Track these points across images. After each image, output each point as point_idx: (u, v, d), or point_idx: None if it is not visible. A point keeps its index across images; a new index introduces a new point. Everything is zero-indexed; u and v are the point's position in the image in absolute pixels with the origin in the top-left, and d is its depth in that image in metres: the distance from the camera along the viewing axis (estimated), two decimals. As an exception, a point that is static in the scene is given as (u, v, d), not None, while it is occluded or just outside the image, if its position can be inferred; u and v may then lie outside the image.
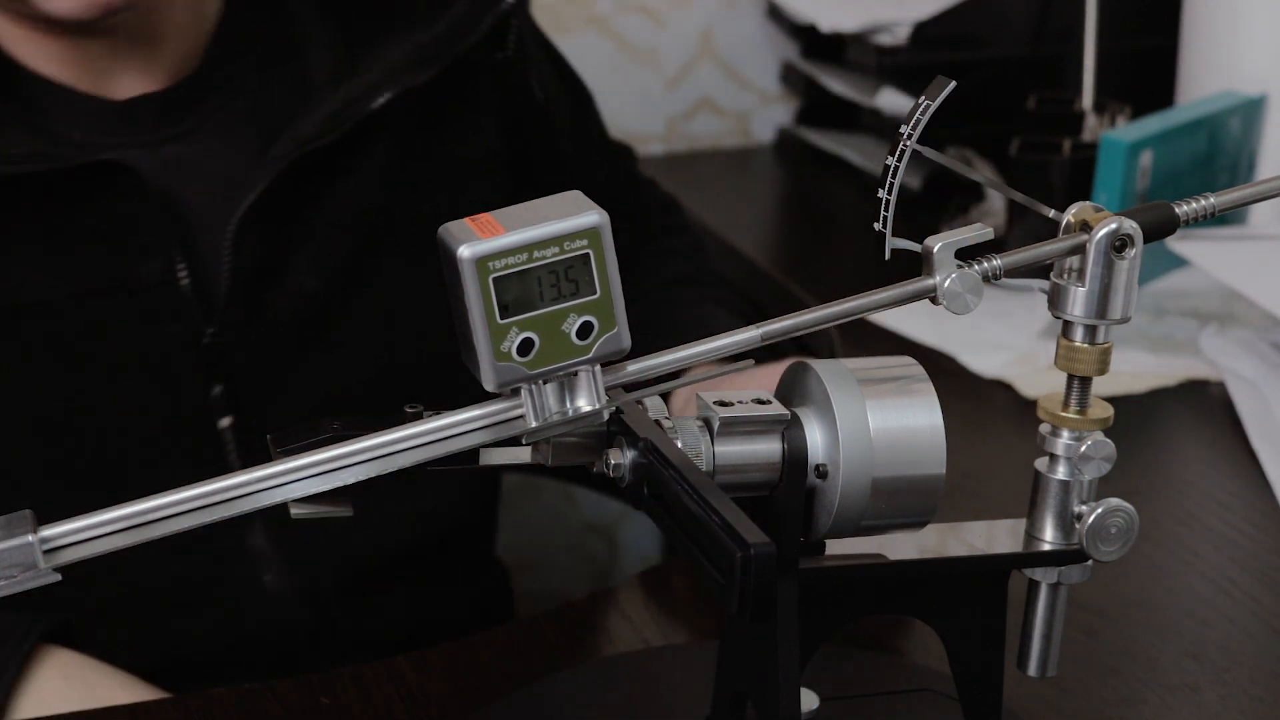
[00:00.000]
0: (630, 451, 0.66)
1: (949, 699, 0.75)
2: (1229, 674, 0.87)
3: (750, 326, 0.65)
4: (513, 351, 0.61)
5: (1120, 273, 0.66)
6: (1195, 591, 0.96)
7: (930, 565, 0.69)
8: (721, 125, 1.94)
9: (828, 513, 0.67)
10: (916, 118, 0.68)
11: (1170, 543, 1.01)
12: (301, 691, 0.87)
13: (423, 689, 0.87)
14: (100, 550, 0.61)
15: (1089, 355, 0.68)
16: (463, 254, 0.60)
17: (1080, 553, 0.69)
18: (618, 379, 0.65)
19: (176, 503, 0.61)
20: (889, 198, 0.67)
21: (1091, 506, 0.68)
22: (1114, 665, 0.88)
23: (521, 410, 0.63)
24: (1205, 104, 1.46)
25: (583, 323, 0.62)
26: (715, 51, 1.92)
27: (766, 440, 0.67)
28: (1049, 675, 0.72)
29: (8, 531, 0.59)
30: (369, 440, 0.63)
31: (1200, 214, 0.69)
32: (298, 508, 0.63)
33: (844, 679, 0.81)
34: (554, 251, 0.60)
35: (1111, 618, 0.92)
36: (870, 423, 0.66)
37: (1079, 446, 0.68)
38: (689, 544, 0.63)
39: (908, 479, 0.67)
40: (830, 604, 0.68)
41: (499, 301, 0.60)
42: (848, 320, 0.66)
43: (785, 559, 0.65)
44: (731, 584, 0.59)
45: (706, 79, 1.92)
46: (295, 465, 0.62)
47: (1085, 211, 0.68)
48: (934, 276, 0.66)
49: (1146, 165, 1.36)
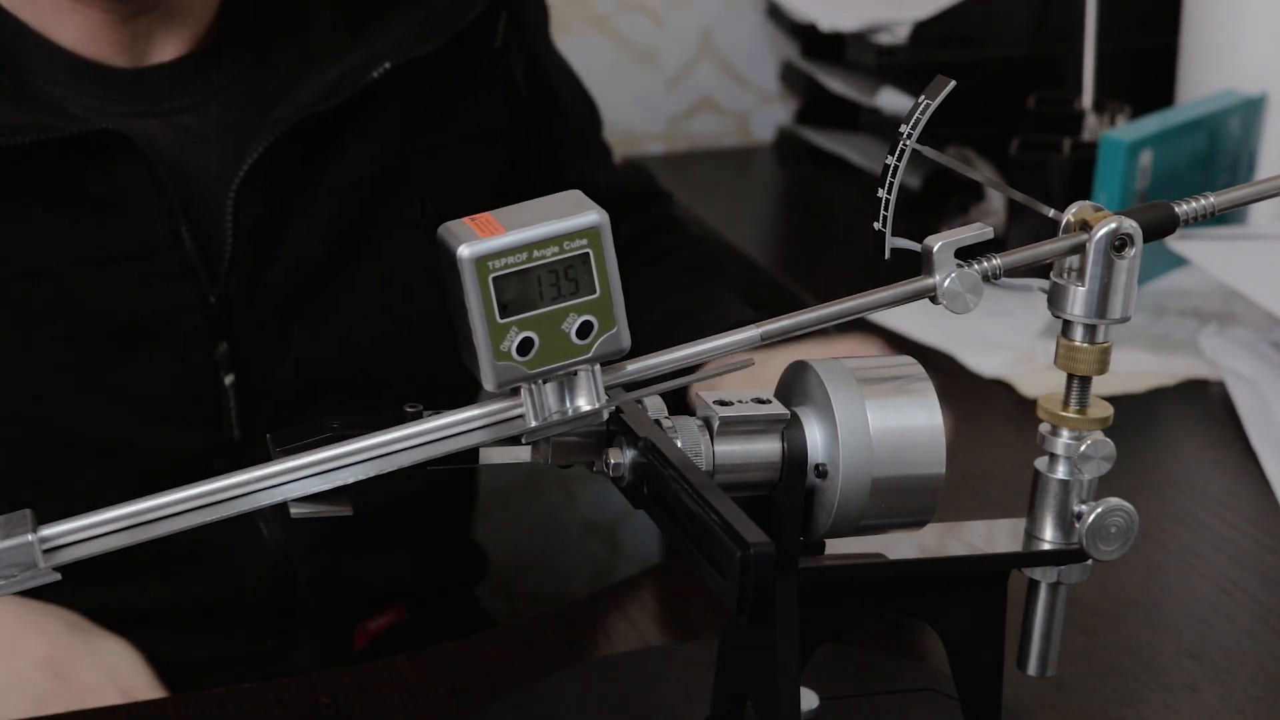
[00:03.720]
0: (630, 451, 0.66)
1: (949, 699, 0.75)
2: (1229, 674, 0.87)
3: (750, 326, 0.65)
4: (512, 351, 0.61)
5: (1120, 272, 0.66)
6: (1195, 591, 0.96)
7: (930, 565, 0.69)
8: (721, 125, 1.94)
9: (827, 512, 0.67)
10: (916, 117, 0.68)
11: (1170, 542, 1.01)
12: (301, 691, 0.87)
13: (423, 689, 0.87)
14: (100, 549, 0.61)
15: (1089, 355, 0.68)
16: (462, 253, 0.60)
17: (1080, 552, 0.69)
18: (617, 379, 0.65)
19: (176, 502, 0.62)
20: (889, 197, 0.67)
21: (1091, 506, 0.68)
22: (1114, 665, 0.88)
23: (521, 410, 0.63)
24: (1205, 104, 1.46)
25: (582, 322, 0.62)
26: (715, 51, 1.92)
27: (766, 440, 0.67)
28: (1049, 675, 0.72)
29: (7, 531, 0.59)
30: (368, 440, 0.63)
31: (1200, 214, 0.69)
32: (298, 507, 0.64)
33: (844, 679, 0.81)
34: (554, 251, 0.60)
35: (1111, 617, 0.92)
36: (870, 422, 0.66)
37: (1079, 446, 0.68)
38: (689, 544, 0.63)
39: (907, 478, 0.67)
40: (830, 604, 0.68)
41: (499, 301, 0.60)
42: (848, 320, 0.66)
43: (785, 559, 0.65)
44: (731, 584, 0.59)
45: (706, 79, 1.92)
46: (295, 465, 0.62)
47: (1085, 211, 0.68)
48: (934, 276, 0.66)
49: (1146, 165, 1.36)
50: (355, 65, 1.07)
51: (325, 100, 1.05)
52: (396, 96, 1.10)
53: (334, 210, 1.09)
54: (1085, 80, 1.49)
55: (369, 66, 1.07)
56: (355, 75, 1.07)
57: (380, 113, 1.10)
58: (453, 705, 0.85)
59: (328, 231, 1.09)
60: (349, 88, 1.06)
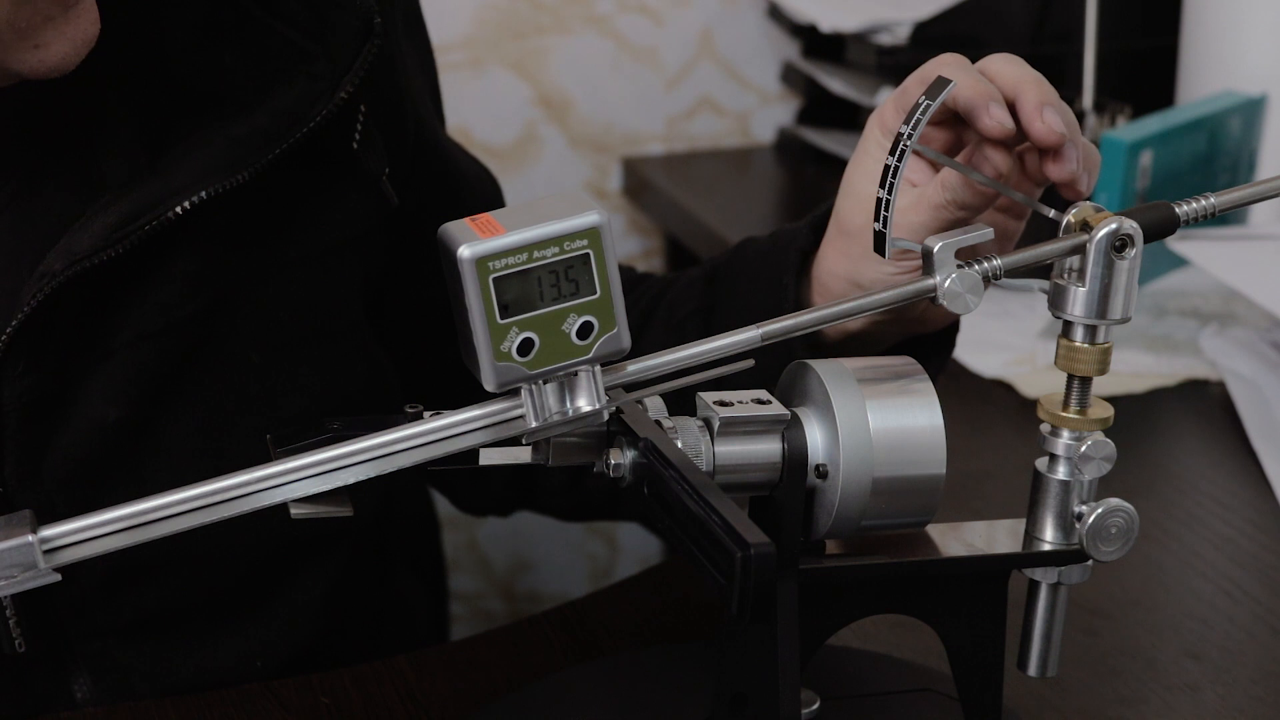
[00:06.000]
0: (630, 451, 0.66)
1: (949, 699, 0.75)
2: (1229, 674, 0.87)
3: (750, 326, 0.65)
4: (513, 351, 0.61)
5: (1120, 273, 0.66)
6: (1195, 591, 0.96)
7: (930, 565, 0.69)
8: (721, 125, 1.94)
9: (828, 513, 0.67)
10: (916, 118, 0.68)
11: (1170, 543, 1.01)
12: (301, 691, 0.87)
13: (423, 689, 0.87)
14: (100, 550, 0.61)
15: (1089, 355, 0.68)
16: (463, 254, 0.60)
17: (1080, 553, 0.69)
18: (618, 379, 0.65)
19: (177, 502, 0.62)
20: (889, 198, 0.67)
21: (1092, 506, 0.68)
22: (1114, 665, 0.88)
23: (521, 410, 0.63)
24: (1205, 104, 1.46)
25: (583, 323, 0.62)
26: (715, 51, 1.92)
27: (766, 440, 0.67)
28: (1049, 675, 0.72)
29: (7, 531, 0.59)
30: (369, 440, 0.63)
31: (1200, 214, 0.69)
32: (298, 507, 0.64)
33: (844, 679, 0.81)
34: (554, 251, 0.60)
35: (1111, 618, 0.92)
36: (870, 422, 0.66)
37: (1079, 446, 0.68)
38: (689, 544, 0.63)
39: (908, 479, 0.67)
40: (830, 604, 0.68)
41: (499, 301, 0.60)
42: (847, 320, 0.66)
43: (785, 559, 0.65)
44: (731, 584, 0.59)
45: (706, 79, 1.92)
46: (295, 465, 0.62)
47: (1085, 211, 0.68)
48: (934, 276, 0.66)
49: (1146, 165, 1.36)
50: (144, 203, 0.84)
51: (105, 249, 0.83)
52: (205, 225, 0.87)
53: (134, 364, 0.87)
54: (1085, 80, 1.48)
55: (165, 203, 0.84)
56: (147, 214, 0.84)
57: (188, 247, 0.87)
58: (453, 705, 0.85)
59: (128, 390, 0.87)
60: (136, 230, 0.83)
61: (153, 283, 0.87)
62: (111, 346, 0.87)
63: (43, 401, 0.86)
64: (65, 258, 0.83)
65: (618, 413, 0.67)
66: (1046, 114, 0.76)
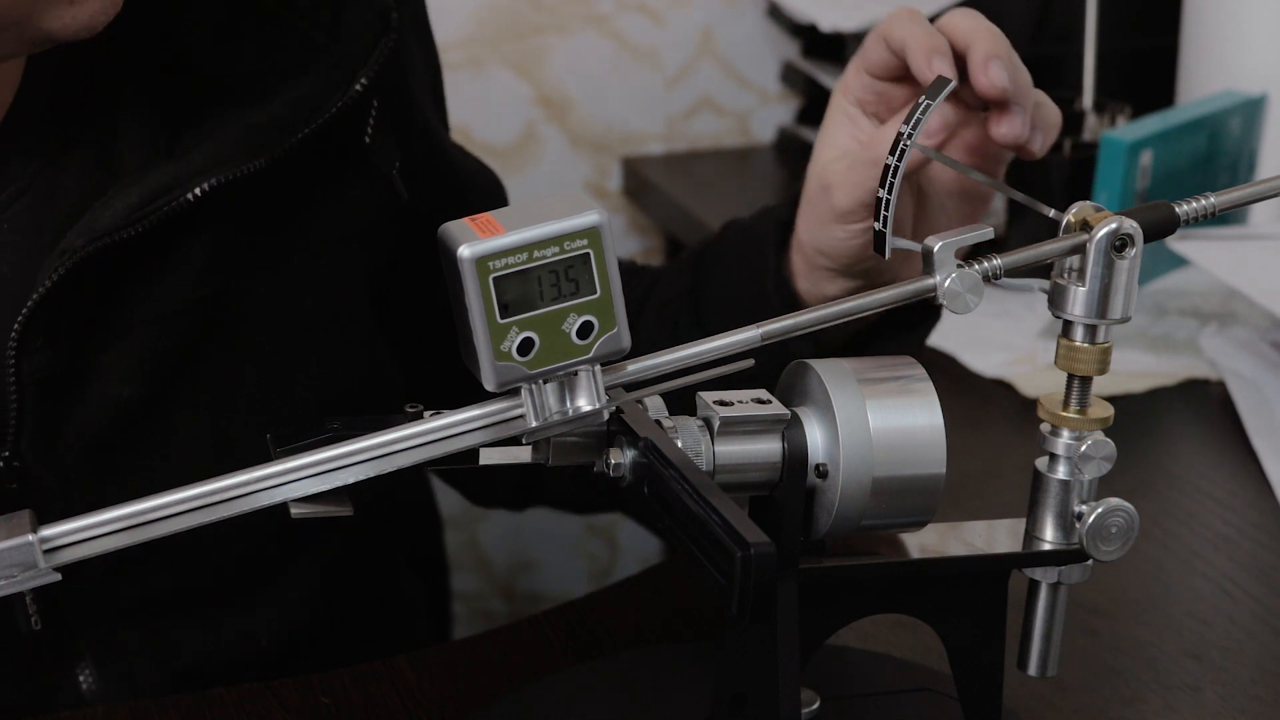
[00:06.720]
0: (630, 451, 0.66)
1: (949, 699, 0.75)
2: (1229, 674, 0.87)
3: (750, 326, 0.65)
4: (513, 351, 0.61)
5: (1120, 272, 0.66)
6: (1195, 591, 0.96)
7: (930, 565, 0.69)
8: (721, 125, 1.94)
9: (828, 512, 0.67)
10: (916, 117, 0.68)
11: (1171, 542, 1.01)
12: (301, 691, 0.87)
13: (423, 689, 0.87)
14: (101, 550, 0.61)
15: (1089, 355, 0.68)
16: (463, 254, 0.60)
17: (1080, 552, 0.69)
18: (618, 379, 0.65)
19: (177, 502, 0.62)
20: (889, 197, 0.67)
21: (1092, 506, 0.68)
22: (1114, 665, 0.88)
23: (521, 410, 0.63)
24: (1205, 104, 1.46)
25: (583, 322, 0.62)
26: (715, 51, 1.92)
27: (766, 440, 0.67)
28: (1049, 675, 0.72)
29: (8, 531, 0.59)
30: (369, 440, 0.63)
31: (1200, 214, 0.69)
32: (298, 507, 0.64)
33: (844, 679, 0.81)
34: (554, 251, 0.60)
35: (1111, 618, 0.92)
36: (870, 422, 0.66)
37: (1079, 446, 0.68)
38: (689, 544, 0.63)
39: (908, 478, 0.67)
40: (830, 604, 0.68)
41: (499, 301, 0.60)
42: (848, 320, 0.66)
43: (785, 559, 0.65)
44: (731, 584, 0.59)
45: (706, 79, 1.92)
46: (295, 465, 0.62)
47: (1085, 211, 0.68)
48: (934, 276, 0.66)
49: (1146, 165, 1.36)
50: (163, 184, 0.86)
51: (125, 228, 0.85)
52: (220, 211, 0.89)
53: (150, 343, 0.89)
54: (1085, 80, 1.48)
55: (182, 186, 0.86)
56: (164, 197, 0.86)
57: (204, 230, 0.89)
58: (453, 705, 0.85)
59: (143, 369, 0.89)
60: (154, 212, 0.85)
61: (170, 264, 0.89)
62: (128, 325, 0.89)
63: (60, 377, 0.87)
64: (86, 234, 0.85)
65: (618, 412, 0.67)
66: (991, 67, 0.77)
